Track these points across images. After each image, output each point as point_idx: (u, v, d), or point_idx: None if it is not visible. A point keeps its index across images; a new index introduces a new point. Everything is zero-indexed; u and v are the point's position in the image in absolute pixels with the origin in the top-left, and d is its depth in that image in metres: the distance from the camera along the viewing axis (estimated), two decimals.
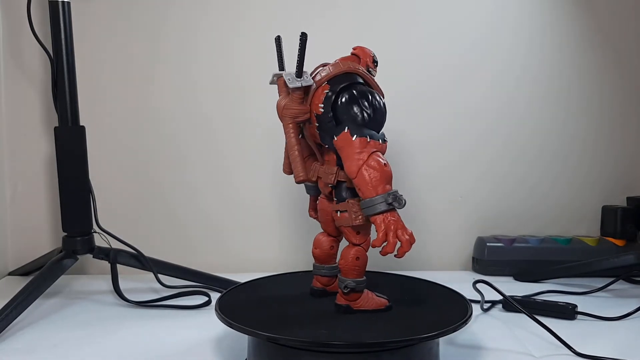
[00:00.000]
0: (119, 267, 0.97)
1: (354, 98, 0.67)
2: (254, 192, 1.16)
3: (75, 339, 0.79)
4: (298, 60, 0.67)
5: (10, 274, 1.13)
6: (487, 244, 1.13)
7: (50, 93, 0.94)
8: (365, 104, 0.67)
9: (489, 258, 1.13)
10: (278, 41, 0.72)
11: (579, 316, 0.88)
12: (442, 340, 0.71)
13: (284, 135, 0.69)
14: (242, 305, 0.71)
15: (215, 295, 0.95)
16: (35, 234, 1.14)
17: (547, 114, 1.19)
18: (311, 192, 0.78)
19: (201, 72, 1.13)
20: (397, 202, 0.63)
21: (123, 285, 0.97)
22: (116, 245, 0.97)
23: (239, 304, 0.72)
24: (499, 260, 1.13)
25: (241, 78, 1.13)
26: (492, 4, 1.16)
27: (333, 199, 0.71)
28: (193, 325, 0.85)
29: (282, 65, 0.72)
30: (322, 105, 0.67)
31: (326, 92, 0.68)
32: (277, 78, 0.71)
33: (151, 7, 1.11)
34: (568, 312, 0.88)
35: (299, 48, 0.66)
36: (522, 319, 0.85)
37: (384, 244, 0.63)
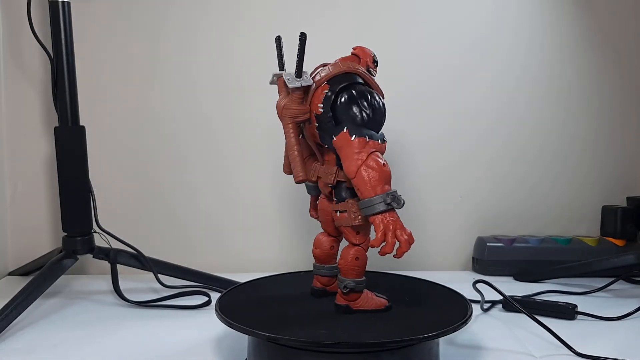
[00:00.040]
0: (119, 267, 0.97)
1: (353, 98, 0.67)
2: (254, 192, 1.16)
3: (75, 339, 0.79)
4: (297, 60, 0.67)
5: (10, 274, 1.13)
6: (487, 244, 1.13)
7: (50, 93, 0.94)
8: (365, 104, 0.67)
9: (489, 258, 1.13)
10: (278, 41, 0.72)
11: (579, 316, 0.88)
12: (442, 340, 0.71)
13: (284, 135, 0.69)
14: (242, 305, 0.71)
15: (215, 295, 0.95)
16: (35, 234, 1.14)
17: (547, 114, 1.19)
18: (312, 192, 0.78)
19: (201, 72, 1.13)
20: (395, 202, 0.63)
21: (123, 285, 0.97)
22: (116, 245, 0.97)
23: (239, 304, 0.72)
24: (499, 260, 1.13)
25: (241, 78, 1.13)
26: (492, 4, 1.16)
27: (333, 199, 0.71)
28: (193, 325, 0.85)
29: (282, 65, 0.72)
30: (322, 105, 0.67)
31: (325, 92, 0.68)
32: (277, 78, 0.71)
33: (151, 7, 1.11)
34: (568, 312, 0.88)
35: (298, 48, 0.66)
36: (522, 319, 0.85)
37: (382, 244, 0.63)
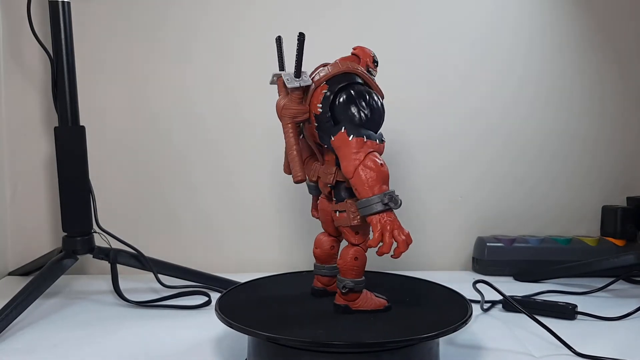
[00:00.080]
0: (119, 267, 0.97)
1: (351, 98, 0.67)
2: (254, 192, 1.16)
3: (75, 339, 0.79)
4: (296, 60, 0.67)
5: (10, 274, 1.13)
6: (487, 244, 1.13)
7: (50, 93, 0.94)
8: (363, 104, 0.67)
9: (489, 258, 1.13)
10: (279, 41, 0.72)
11: (579, 316, 0.88)
12: (442, 340, 0.71)
13: (283, 135, 0.69)
14: (242, 305, 0.71)
15: (215, 295, 0.95)
16: (35, 234, 1.14)
17: (547, 114, 1.19)
18: (313, 192, 0.78)
19: (201, 72, 1.13)
20: (392, 202, 0.63)
21: (123, 285, 0.97)
22: (116, 245, 0.97)
23: (239, 304, 0.72)
24: (499, 260, 1.13)
25: (241, 78, 1.13)
26: (492, 4, 1.16)
27: (332, 199, 0.71)
28: (193, 325, 0.85)
29: (282, 66, 0.72)
30: (321, 105, 0.67)
31: (324, 92, 0.68)
32: (276, 78, 0.71)
33: (151, 7, 1.11)
34: (568, 312, 0.88)
35: (297, 48, 0.67)
36: (522, 319, 0.85)
37: (380, 244, 0.63)
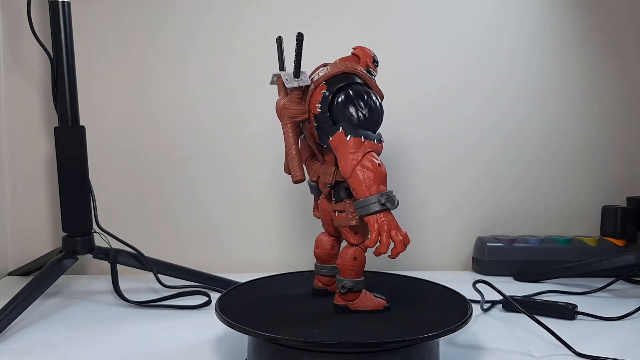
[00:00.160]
0: (119, 267, 0.97)
1: (349, 98, 0.67)
2: (254, 193, 1.16)
3: (75, 339, 0.79)
4: (295, 60, 0.67)
5: (10, 274, 1.12)
6: (487, 244, 1.13)
7: (50, 93, 0.94)
8: (361, 104, 0.67)
9: (489, 258, 1.13)
10: (279, 42, 0.72)
11: (579, 316, 0.88)
12: (442, 340, 0.71)
13: (283, 135, 0.69)
14: (242, 305, 0.71)
15: (215, 295, 0.95)
16: (35, 234, 1.13)
17: (547, 114, 1.19)
18: (314, 192, 0.78)
19: (201, 72, 1.13)
20: (390, 202, 0.63)
21: (123, 285, 0.97)
22: (116, 245, 0.97)
23: (239, 304, 0.72)
24: (499, 260, 1.12)
25: (241, 78, 1.13)
26: (492, 4, 1.16)
27: (332, 199, 0.71)
28: (193, 325, 0.85)
29: (282, 66, 0.72)
30: (319, 105, 0.67)
31: (323, 92, 0.68)
32: (276, 78, 0.71)
33: (151, 7, 1.11)
34: (568, 312, 0.88)
35: (296, 48, 0.67)
36: (522, 319, 0.85)
37: (377, 244, 0.63)
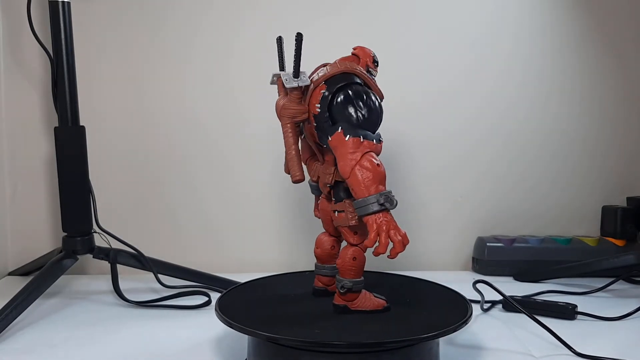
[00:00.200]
0: (119, 267, 0.97)
1: (348, 98, 0.67)
2: (254, 193, 1.16)
3: (75, 339, 0.79)
4: (294, 60, 0.67)
5: (10, 274, 1.12)
6: (487, 244, 1.13)
7: (50, 93, 0.94)
8: (360, 104, 0.67)
9: (489, 258, 1.13)
10: (279, 42, 0.72)
11: (579, 316, 0.88)
12: (442, 340, 0.71)
13: (282, 135, 0.69)
14: (242, 305, 0.71)
15: (215, 295, 0.95)
16: (35, 234, 1.13)
17: (547, 114, 1.19)
18: (315, 192, 0.78)
19: (201, 72, 1.13)
20: (388, 202, 0.63)
21: (123, 285, 0.97)
22: (116, 245, 0.97)
23: (239, 304, 0.72)
24: (499, 260, 1.12)
25: (241, 78, 1.13)
26: (492, 4, 1.16)
27: (332, 199, 0.71)
28: (193, 325, 0.85)
29: (282, 66, 0.72)
30: (319, 105, 0.68)
31: (323, 92, 0.68)
32: (276, 78, 0.71)
33: (151, 7, 1.11)
34: (568, 312, 0.88)
35: (295, 48, 0.67)
36: (522, 319, 0.85)
37: (376, 244, 0.63)
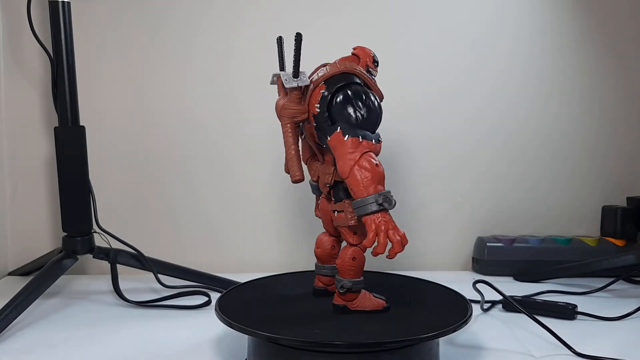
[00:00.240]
0: (119, 267, 0.97)
1: (347, 98, 0.67)
2: (254, 193, 1.16)
3: (75, 339, 0.79)
4: (294, 60, 0.67)
5: (10, 274, 1.12)
6: (487, 244, 1.13)
7: (50, 93, 0.94)
8: (359, 104, 0.67)
9: (489, 258, 1.13)
10: (280, 42, 0.72)
11: (579, 316, 0.88)
12: (442, 340, 0.71)
13: (282, 135, 0.69)
14: (242, 305, 0.71)
15: (215, 295, 0.95)
16: (35, 234, 1.13)
17: (547, 114, 1.19)
18: (316, 191, 0.78)
19: (201, 72, 1.13)
20: (387, 202, 0.63)
21: (123, 285, 0.97)
22: (116, 245, 0.97)
23: (239, 304, 0.72)
24: (499, 260, 1.12)
25: (241, 78, 1.13)
26: (492, 4, 1.16)
27: (331, 199, 0.71)
28: (193, 325, 0.85)
29: (282, 66, 0.72)
30: (319, 105, 0.68)
31: (322, 92, 0.68)
32: (276, 78, 0.71)
33: (151, 7, 1.11)
34: (568, 312, 0.88)
35: (295, 48, 0.67)
36: (522, 319, 0.85)
37: (375, 244, 0.63)
